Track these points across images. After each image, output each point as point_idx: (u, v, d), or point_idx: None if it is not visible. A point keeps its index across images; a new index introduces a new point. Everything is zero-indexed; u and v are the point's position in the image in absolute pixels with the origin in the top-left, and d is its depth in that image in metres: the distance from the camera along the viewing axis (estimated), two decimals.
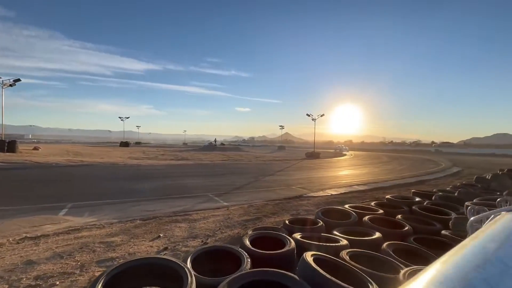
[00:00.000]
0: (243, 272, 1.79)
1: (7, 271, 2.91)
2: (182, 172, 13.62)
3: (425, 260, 2.48)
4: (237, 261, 2.11)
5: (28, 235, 4.11)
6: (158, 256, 1.87)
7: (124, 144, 51.13)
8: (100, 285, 1.45)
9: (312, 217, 4.20)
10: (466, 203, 4.13)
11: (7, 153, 19.06)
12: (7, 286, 2.64)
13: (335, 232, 3.17)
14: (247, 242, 2.39)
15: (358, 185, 10.73)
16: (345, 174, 15.44)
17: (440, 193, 5.87)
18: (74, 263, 3.14)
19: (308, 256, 1.95)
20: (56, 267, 3.02)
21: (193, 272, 1.70)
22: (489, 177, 9.14)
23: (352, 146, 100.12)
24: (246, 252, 2.21)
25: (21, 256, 3.31)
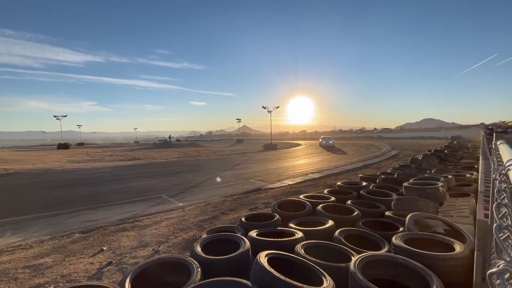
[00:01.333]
0: (192, 286, 1.61)
1: None
2: (132, 174, 12.55)
3: (374, 244, 2.61)
4: (187, 272, 1.91)
5: None
6: (86, 283, 1.56)
7: (63, 146, 45.20)
8: None
9: (269, 210, 4.18)
10: (404, 184, 4.57)
11: None
12: None
13: (291, 225, 3.18)
14: (198, 249, 2.20)
15: (312, 173, 11.25)
16: (301, 163, 16.09)
17: (383, 176, 6.43)
18: None
19: (262, 257, 1.85)
20: None
21: None
22: (421, 157, 10.42)
23: (305, 136, 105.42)
24: (196, 260, 2.02)
25: None
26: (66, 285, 2.69)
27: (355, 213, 3.54)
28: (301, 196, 4.45)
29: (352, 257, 2.15)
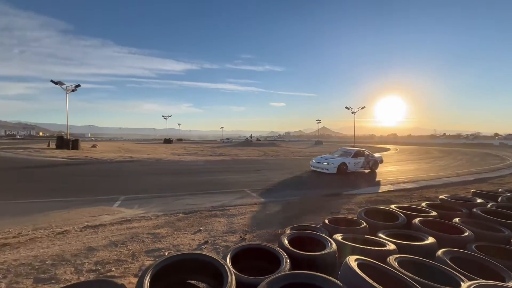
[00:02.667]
0: (282, 273, 1.76)
1: (73, 256, 3.30)
2: (220, 168, 14.09)
3: (493, 273, 2.16)
4: (276, 261, 2.08)
5: (89, 224, 4.63)
6: (201, 252, 1.93)
7: (167, 141, 54.73)
8: (149, 276, 1.54)
9: (353, 217, 3.98)
10: None
11: (72, 150, 21.81)
12: (73, 268, 3.00)
13: (381, 235, 2.95)
14: (286, 242, 2.35)
15: (405, 182, 9.91)
16: (390, 170, 14.37)
17: (508, 194, 5.10)
18: (126, 252, 3.44)
19: (352, 260, 1.83)
20: (111, 255, 3.34)
21: (232, 270, 1.71)
22: None
23: (396, 140, 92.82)
24: (284, 252, 2.17)
25: (83, 243, 3.74)
26: (178, 252, 3.33)
27: (466, 233, 2.97)
28: (393, 206, 4.04)
29: (462, 283, 1.85)
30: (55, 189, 7.79)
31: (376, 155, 13.67)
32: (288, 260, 2.01)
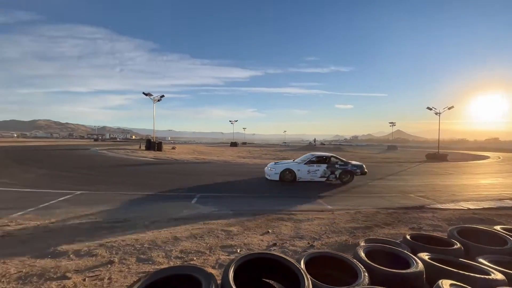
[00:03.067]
0: (362, 287, 1.68)
1: (163, 243, 3.87)
2: None
3: None
4: (351, 273, 2.00)
5: (173, 217, 5.33)
6: (279, 254, 2.02)
7: (233, 144, 58.27)
8: (232, 269, 1.71)
9: (442, 235, 3.46)
10: None
11: (157, 151, 25.48)
12: (163, 253, 3.52)
13: (481, 260, 2.48)
14: (362, 254, 2.22)
15: None
16: (490, 183, 11.82)
17: None
18: (204, 244, 3.84)
19: (446, 285, 1.61)
20: (192, 246, 3.78)
21: (309, 275, 1.74)
22: None
23: (499, 145, 75.48)
24: (361, 264, 2.06)
25: (170, 232, 4.33)
26: (248, 251, 3.53)
27: None
28: (498, 227, 3.33)
29: None
30: (146, 184, 9.24)
31: (354, 162, 11.12)
32: (366, 274, 1.91)
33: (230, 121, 69.38)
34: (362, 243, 2.93)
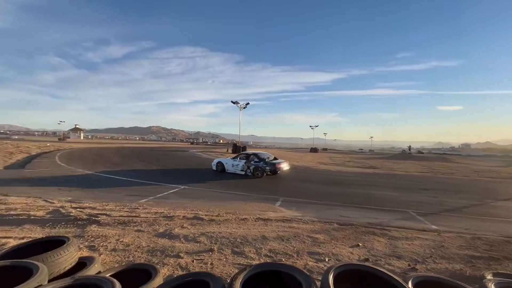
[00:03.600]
0: None
1: (253, 240, 4.16)
2: (371, 181, 12.89)
3: None
4: None
5: (260, 216, 5.65)
6: (382, 269, 1.88)
7: (313, 150, 56.90)
8: (332, 275, 1.69)
9: None
10: None
11: None
12: (254, 250, 3.78)
13: None
14: None
15: None
16: None
17: None
18: (291, 248, 3.91)
19: None
20: (280, 247, 3.91)
21: None
22: None
23: None
24: None
25: (258, 231, 4.61)
26: (339, 262, 3.39)
27: None
28: None
29: None
30: (236, 185, 10.12)
31: (276, 161, 12.50)
32: None
33: (310, 126, 68.30)
34: (490, 276, 2.37)
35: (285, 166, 12.67)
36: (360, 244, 4.20)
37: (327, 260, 3.54)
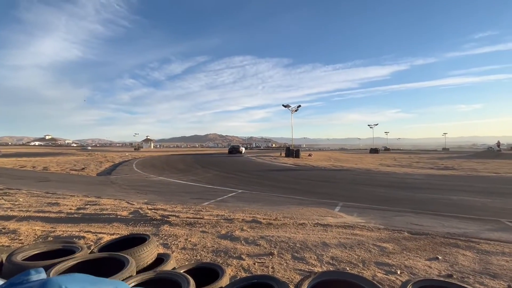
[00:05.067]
0: None
1: (313, 246, 4.03)
2: (448, 185, 11.17)
3: None
4: None
5: (319, 222, 5.45)
6: None
7: (374, 150, 52.48)
8: None
9: None
10: None
11: (295, 158, 27.22)
12: (315, 256, 3.66)
13: None
14: None
15: None
16: None
17: None
18: (356, 256, 3.65)
19: None
20: (343, 255, 3.69)
21: None
22: None
23: None
24: None
25: (318, 237, 4.45)
26: (416, 276, 3.02)
27: None
28: None
29: None
30: (291, 188, 10.04)
31: None
32: None
33: (368, 125, 63.45)
34: None
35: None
36: (440, 257, 3.66)
37: (398, 272, 3.19)
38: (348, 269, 3.28)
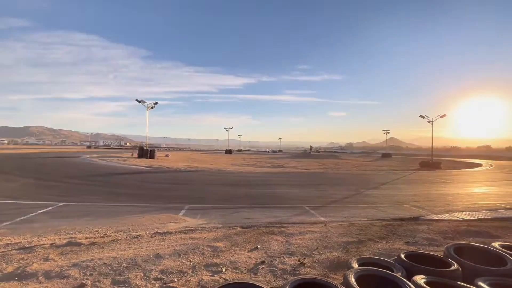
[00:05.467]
0: None
1: (143, 261, 3.60)
2: (277, 180, 13.98)
3: None
4: None
5: (158, 231, 5.06)
6: (257, 284, 1.81)
7: (228, 151, 57.97)
8: None
9: (438, 253, 3.29)
10: None
11: (149, 159, 25.04)
12: (142, 274, 3.26)
13: (481, 284, 2.31)
14: (353, 280, 2.03)
15: (507, 209, 7.92)
16: (484, 192, 11.80)
17: None
18: (188, 263, 3.58)
19: None
20: (175, 264, 3.52)
21: None
22: None
23: (490, 153, 76.73)
24: None
25: (152, 249, 4.06)
26: (234, 275, 3.30)
27: None
28: (496, 244, 3.18)
29: None
30: (135, 195, 8.93)
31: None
32: None
33: (225, 128, 69.11)
34: (354, 263, 2.74)
35: None
36: (259, 246, 4.28)
37: (224, 270, 3.40)
38: (176, 280, 3.12)
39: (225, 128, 69.53)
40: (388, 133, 62.00)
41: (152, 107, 28.88)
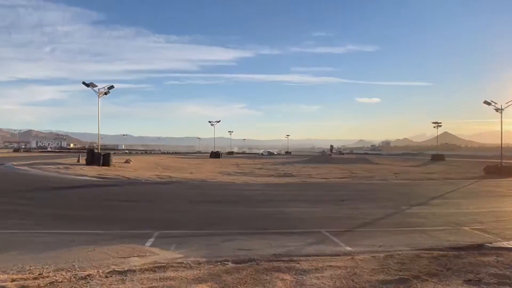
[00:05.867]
0: None
1: None
2: (285, 195, 14.07)
3: None
4: None
5: (116, 268, 5.04)
6: None
7: (215, 154, 58.07)
8: None
9: None
10: None
11: (103, 167, 25.05)
12: None
13: None
14: None
15: None
16: None
17: None
18: None
19: None
20: None
21: None
22: None
23: None
24: None
25: None
26: None
27: None
28: None
29: None
30: (82, 218, 8.92)
31: None
32: None
33: (210, 122, 69.15)
34: None
35: None
36: None
37: None
38: None
39: (210, 122, 69.54)
40: (440, 126, 62.40)
41: (106, 93, 28.80)
